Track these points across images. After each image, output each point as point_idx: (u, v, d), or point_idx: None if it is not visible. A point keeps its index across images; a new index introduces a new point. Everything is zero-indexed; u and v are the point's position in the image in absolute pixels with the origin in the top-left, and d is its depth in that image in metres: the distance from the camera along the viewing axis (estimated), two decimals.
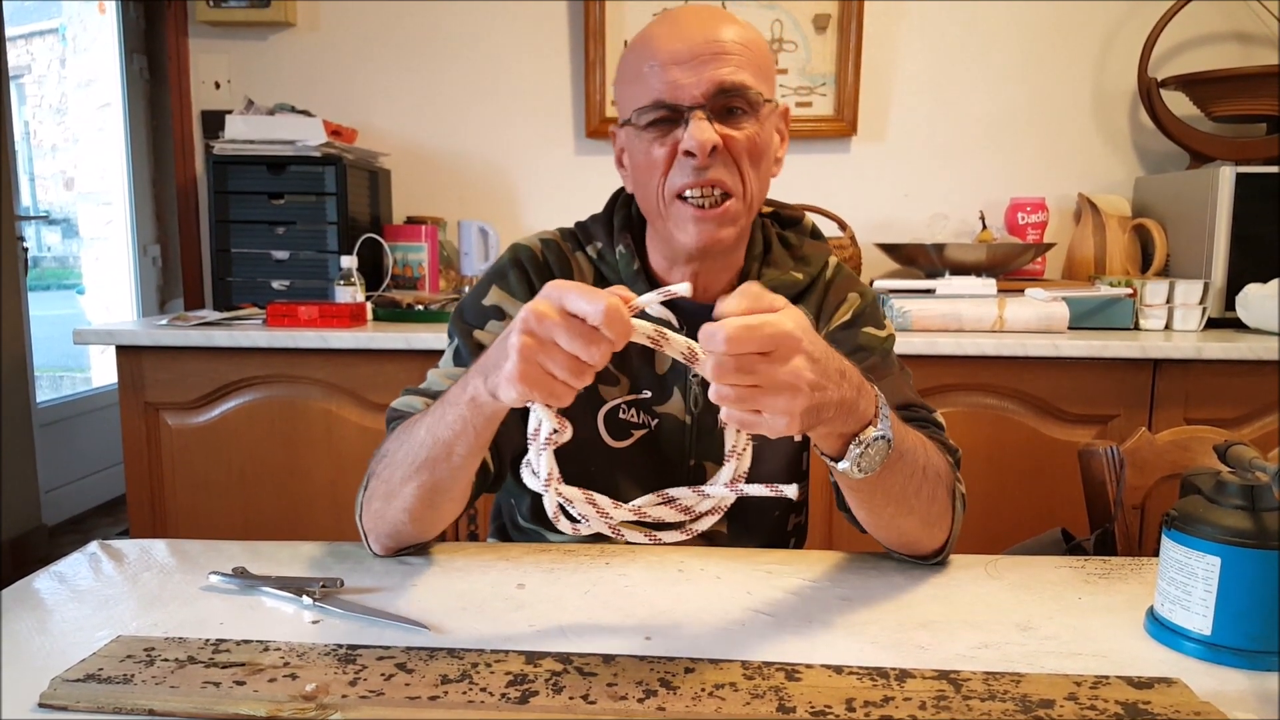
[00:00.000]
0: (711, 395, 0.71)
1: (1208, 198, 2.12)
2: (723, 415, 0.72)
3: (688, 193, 0.98)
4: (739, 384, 0.69)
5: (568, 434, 0.75)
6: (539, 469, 0.75)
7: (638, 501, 0.80)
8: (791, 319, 0.71)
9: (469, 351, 1.05)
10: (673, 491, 0.81)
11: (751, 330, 0.68)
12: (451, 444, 0.84)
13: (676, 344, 0.74)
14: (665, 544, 0.81)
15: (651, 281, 1.08)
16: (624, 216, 1.11)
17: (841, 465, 0.81)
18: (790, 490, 0.76)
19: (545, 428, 0.74)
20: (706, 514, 0.80)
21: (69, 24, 4.01)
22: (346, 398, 2.00)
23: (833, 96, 2.48)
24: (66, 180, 4.36)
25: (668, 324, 1.05)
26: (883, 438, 0.80)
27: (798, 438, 0.95)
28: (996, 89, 2.50)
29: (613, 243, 1.09)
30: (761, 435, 0.76)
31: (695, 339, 1.06)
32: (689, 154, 0.96)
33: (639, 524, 0.80)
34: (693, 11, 0.99)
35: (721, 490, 0.79)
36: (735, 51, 0.96)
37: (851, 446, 0.80)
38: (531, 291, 1.07)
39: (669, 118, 0.97)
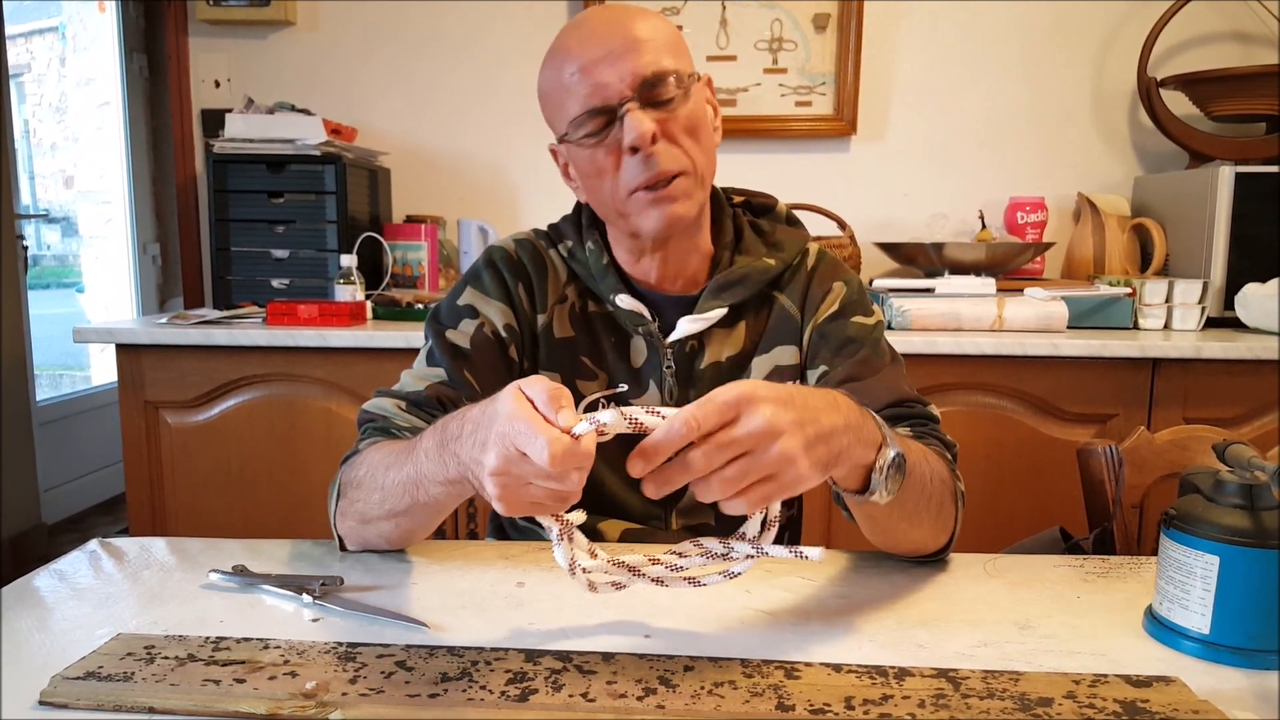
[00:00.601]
0: (723, 502, 0.68)
1: (1207, 197, 2.12)
2: (740, 511, 0.69)
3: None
4: (723, 462, 0.66)
5: (581, 516, 0.76)
6: (561, 560, 0.75)
7: (677, 549, 0.78)
8: (740, 384, 0.68)
9: (441, 352, 1.06)
10: (705, 542, 0.78)
11: (702, 407, 0.66)
12: (434, 508, 0.86)
13: (649, 421, 0.69)
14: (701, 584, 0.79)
15: (620, 275, 1.09)
16: (590, 214, 1.12)
17: (872, 496, 0.79)
18: (814, 553, 0.72)
19: (555, 529, 0.74)
20: (740, 560, 0.76)
21: (69, 23, 4.01)
22: (346, 396, 2.00)
23: (832, 96, 2.48)
24: (66, 179, 4.36)
25: (640, 316, 1.05)
26: (900, 454, 0.79)
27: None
28: (996, 88, 2.50)
29: (582, 240, 1.10)
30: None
31: (666, 329, 1.06)
32: (634, 149, 0.96)
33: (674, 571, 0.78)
34: (596, 14, 1.01)
35: (745, 547, 0.75)
36: (647, 39, 0.97)
37: (874, 475, 0.78)
38: (506, 290, 1.09)
39: (604, 123, 0.98)
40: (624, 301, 1.06)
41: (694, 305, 1.07)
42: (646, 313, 1.07)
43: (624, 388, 1.07)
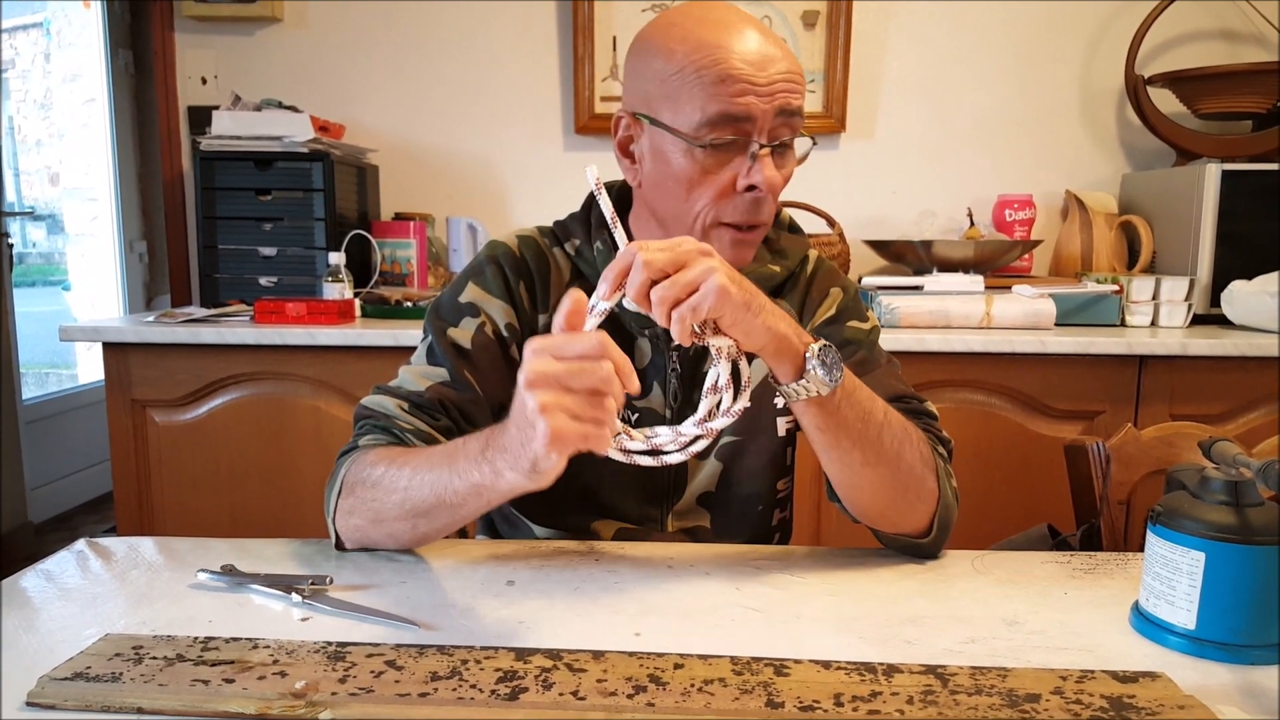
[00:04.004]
0: (666, 315, 0.80)
1: (1193, 195, 2.13)
2: (677, 319, 0.80)
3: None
4: (672, 268, 0.80)
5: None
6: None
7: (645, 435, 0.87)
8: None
9: (442, 350, 1.05)
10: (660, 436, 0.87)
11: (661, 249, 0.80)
12: (455, 509, 0.87)
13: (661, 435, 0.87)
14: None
15: None
16: (600, 215, 1.10)
17: (806, 381, 0.85)
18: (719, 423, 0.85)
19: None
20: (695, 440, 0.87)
21: (53, 18, 3.98)
22: (335, 395, 2.00)
23: (821, 93, 2.49)
24: (51, 176, 4.33)
25: (646, 319, 1.06)
26: (830, 346, 0.86)
27: (750, 370, 0.93)
28: (985, 87, 2.50)
29: (590, 239, 1.09)
30: (746, 430, 0.79)
31: (666, 334, 1.07)
32: (751, 188, 0.96)
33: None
34: (748, 21, 0.97)
35: (691, 429, 0.86)
36: (798, 81, 0.97)
37: (808, 355, 0.85)
38: (508, 288, 1.07)
39: (731, 140, 0.95)
40: (630, 303, 1.06)
41: None
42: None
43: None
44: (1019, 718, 0.65)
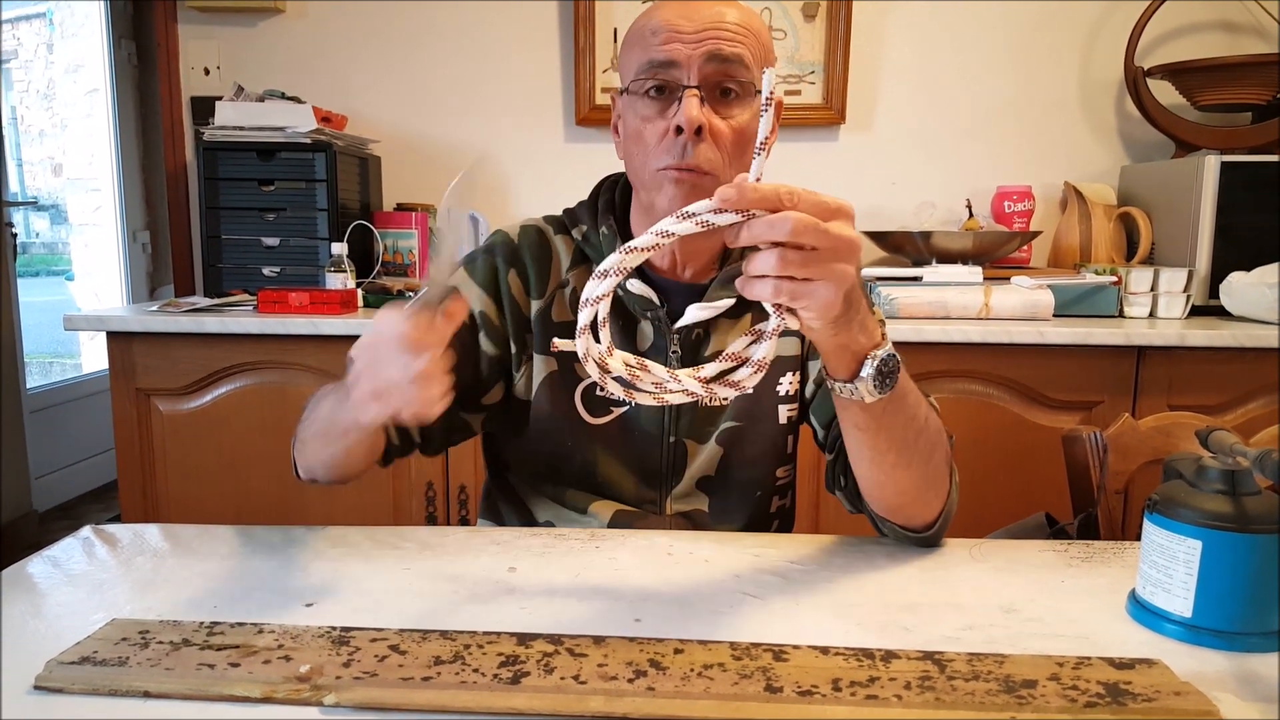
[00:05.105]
0: (774, 284, 0.72)
1: (1192, 186, 2.13)
2: (769, 292, 0.73)
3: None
4: (811, 237, 0.71)
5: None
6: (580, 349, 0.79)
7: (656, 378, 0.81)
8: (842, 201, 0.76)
9: None
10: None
11: (810, 194, 0.74)
12: (348, 433, 0.93)
13: (656, 372, 0.79)
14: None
15: None
16: (608, 200, 1.13)
17: (859, 384, 0.82)
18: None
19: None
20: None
21: (56, 9, 3.98)
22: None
23: (821, 85, 2.49)
24: (55, 166, 4.33)
25: (649, 301, 1.06)
26: (894, 356, 0.83)
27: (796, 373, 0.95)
28: (984, 78, 2.50)
29: (596, 225, 1.11)
30: (746, 415, 0.79)
31: (674, 316, 1.06)
32: (679, 130, 0.97)
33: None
34: None
35: (691, 383, 0.79)
36: (738, 33, 0.98)
37: (866, 361, 0.82)
38: (494, 277, 1.11)
39: (666, 87, 0.98)
40: (634, 286, 1.07)
41: (703, 294, 1.08)
42: (655, 298, 1.08)
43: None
44: (1016, 703, 0.66)
